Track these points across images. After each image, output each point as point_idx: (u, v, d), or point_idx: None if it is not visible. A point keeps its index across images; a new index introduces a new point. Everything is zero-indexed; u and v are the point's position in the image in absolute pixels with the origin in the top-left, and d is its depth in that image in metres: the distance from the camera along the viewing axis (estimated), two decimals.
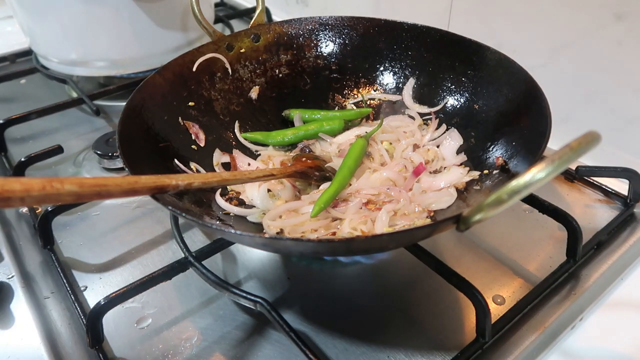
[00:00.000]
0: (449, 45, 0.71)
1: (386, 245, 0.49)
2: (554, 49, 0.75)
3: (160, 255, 0.64)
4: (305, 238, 0.49)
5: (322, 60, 0.79)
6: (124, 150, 0.51)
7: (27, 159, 0.75)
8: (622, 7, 0.65)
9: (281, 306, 0.56)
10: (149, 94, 0.62)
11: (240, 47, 0.76)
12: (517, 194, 0.35)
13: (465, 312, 0.54)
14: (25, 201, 0.33)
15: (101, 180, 0.39)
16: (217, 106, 0.72)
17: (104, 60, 0.95)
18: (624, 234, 0.63)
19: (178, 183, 0.46)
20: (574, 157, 0.34)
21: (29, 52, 1.09)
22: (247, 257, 0.63)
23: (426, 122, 0.73)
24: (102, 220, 0.70)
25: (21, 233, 0.69)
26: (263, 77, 0.78)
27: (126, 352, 0.52)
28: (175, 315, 0.56)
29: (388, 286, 0.59)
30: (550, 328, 0.52)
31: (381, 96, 0.78)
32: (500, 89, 0.64)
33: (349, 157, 0.64)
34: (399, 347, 0.51)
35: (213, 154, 0.68)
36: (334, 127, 0.72)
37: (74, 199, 0.37)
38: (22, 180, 0.33)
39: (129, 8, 0.89)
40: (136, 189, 0.42)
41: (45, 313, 0.57)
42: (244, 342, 0.53)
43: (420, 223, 0.57)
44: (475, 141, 0.66)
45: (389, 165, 0.66)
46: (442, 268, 0.52)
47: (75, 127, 0.92)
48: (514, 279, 0.58)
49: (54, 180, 0.35)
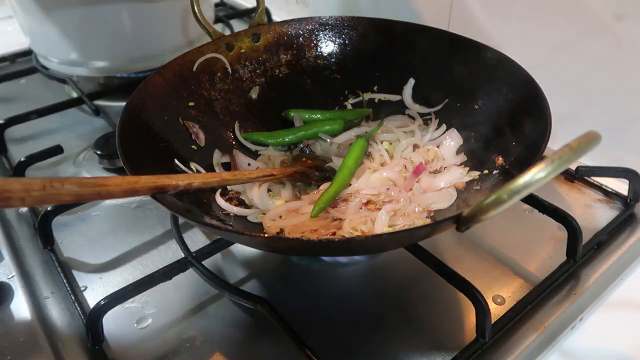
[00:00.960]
0: (449, 45, 0.71)
1: (386, 245, 0.49)
2: (554, 49, 0.75)
3: (160, 255, 0.64)
4: (305, 238, 0.49)
5: (322, 60, 0.79)
6: (124, 150, 0.51)
7: (27, 159, 0.75)
8: (622, 7, 0.65)
9: (281, 306, 0.56)
10: (148, 93, 0.62)
11: (240, 47, 0.76)
12: (517, 194, 0.35)
13: (465, 312, 0.54)
14: (25, 201, 0.33)
15: (101, 180, 0.39)
16: (217, 106, 0.72)
17: (104, 60, 0.94)
18: (624, 234, 0.63)
19: (178, 183, 0.46)
20: (574, 157, 0.34)
21: (29, 52, 1.09)
22: (247, 257, 0.63)
23: (426, 122, 0.73)
24: (102, 220, 0.70)
25: (21, 233, 0.69)
26: (263, 77, 0.78)
27: (126, 352, 0.52)
28: (175, 315, 0.56)
29: (388, 286, 0.59)
30: (550, 328, 0.52)
31: (381, 96, 0.78)
32: (500, 89, 0.64)
33: (349, 157, 0.64)
34: (399, 347, 0.51)
35: (213, 154, 0.68)
36: (334, 127, 0.72)
37: (74, 199, 0.37)
38: (22, 180, 0.33)
39: (129, 8, 0.89)
40: (136, 189, 0.42)
41: (45, 313, 0.57)
42: (244, 342, 0.53)
43: (420, 223, 0.57)
44: (475, 141, 0.66)
45: (389, 165, 0.66)
46: (442, 268, 0.52)
47: (75, 127, 0.92)
48: (514, 279, 0.58)
49: (54, 180, 0.35)
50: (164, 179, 0.45)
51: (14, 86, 1.06)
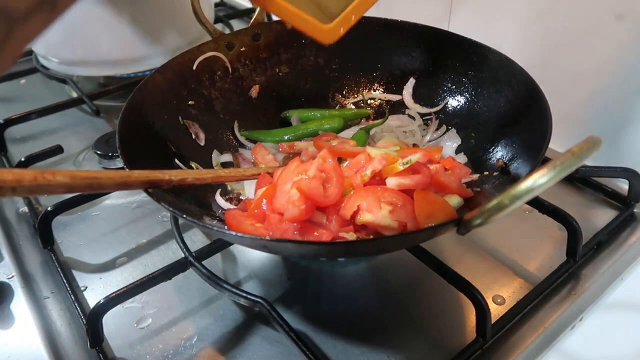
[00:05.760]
0: (450, 45, 0.71)
1: (387, 247, 0.49)
2: (554, 49, 0.75)
3: (160, 255, 0.64)
4: (306, 240, 0.49)
5: (322, 59, 0.79)
6: (124, 150, 0.51)
7: (27, 159, 0.75)
8: (622, 7, 0.65)
9: (281, 306, 0.56)
10: (149, 92, 0.62)
11: (240, 45, 0.76)
12: (519, 199, 0.35)
13: (465, 312, 0.54)
14: (17, 191, 0.33)
15: (93, 173, 0.39)
16: (217, 105, 0.72)
17: (104, 60, 0.94)
18: (624, 234, 0.63)
19: (171, 178, 0.46)
20: (576, 162, 0.34)
21: (29, 52, 1.09)
22: (247, 257, 0.63)
23: (426, 123, 0.73)
24: (102, 220, 0.70)
25: (21, 233, 0.69)
26: (263, 76, 0.78)
27: (126, 352, 0.52)
28: (175, 315, 0.56)
29: (388, 286, 0.59)
30: (550, 328, 0.52)
31: (381, 96, 0.78)
32: (500, 90, 0.64)
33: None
34: (399, 347, 0.51)
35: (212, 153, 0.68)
36: (333, 126, 0.72)
37: (65, 190, 0.37)
38: (14, 171, 0.33)
39: (129, 8, 0.89)
40: (129, 182, 0.42)
41: (45, 313, 0.57)
42: (244, 342, 0.53)
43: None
44: (475, 142, 0.66)
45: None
46: (442, 268, 0.52)
47: (75, 127, 0.92)
48: (514, 279, 0.58)
49: (46, 171, 0.35)
50: (157, 174, 0.44)
51: (14, 86, 1.06)
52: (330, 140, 0.65)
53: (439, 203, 0.51)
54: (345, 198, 0.52)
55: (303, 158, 0.58)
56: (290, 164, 0.57)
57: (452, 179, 0.57)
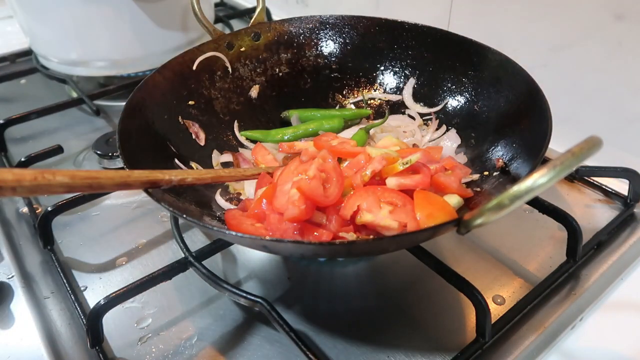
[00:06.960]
0: (450, 46, 0.71)
1: (387, 247, 0.49)
2: (554, 49, 0.75)
3: (160, 255, 0.64)
4: (305, 240, 0.49)
5: (322, 59, 0.79)
6: (124, 150, 0.51)
7: (27, 159, 0.75)
8: (622, 7, 0.65)
9: (281, 306, 0.56)
10: (149, 92, 0.62)
11: (240, 45, 0.76)
12: (519, 199, 0.35)
13: (465, 312, 0.54)
14: (17, 191, 0.33)
15: (93, 173, 0.39)
16: (217, 105, 0.72)
17: (104, 60, 0.94)
18: (624, 234, 0.63)
19: (171, 178, 0.46)
20: (576, 163, 0.34)
21: (29, 52, 1.09)
22: (247, 257, 0.63)
23: (426, 123, 0.73)
24: (102, 220, 0.70)
25: (21, 233, 0.69)
26: (263, 76, 0.78)
27: (126, 352, 0.52)
28: (175, 315, 0.56)
29: (388, 286, 0.59)
30: (550, 328, 0.52)
31: (381, 96, 0.78)
32: (500, 90, 0.64)
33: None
34: (399, 347, 0.51)
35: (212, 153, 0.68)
36: (333, 126, 0.72)
37: (65, 190, 0.37)
38: (14, 171, 0.33)
39: (129, 8, 0.89)
40: (128, 182, 0.42)
41: (45, 313, 0.57)
42: (244, 342, 0.53)
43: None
44: (475, 142, 0.66)
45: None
46: (442, 268, 0.52)
47: (75, 127, 0.92)
48: (514, 279, 0.58)
49: (46, 171, 0.35)
50: (156, 174, 0.44)
51: (14, 86, 1.06)
52: (330, 140, 0.65)
53: (439, 203, 0.51)
54: (345, 198, 0.52)
55: (303, 158, 0.58)
56: (290, 164, 0.57)
57: (452, 179, 0.56)
